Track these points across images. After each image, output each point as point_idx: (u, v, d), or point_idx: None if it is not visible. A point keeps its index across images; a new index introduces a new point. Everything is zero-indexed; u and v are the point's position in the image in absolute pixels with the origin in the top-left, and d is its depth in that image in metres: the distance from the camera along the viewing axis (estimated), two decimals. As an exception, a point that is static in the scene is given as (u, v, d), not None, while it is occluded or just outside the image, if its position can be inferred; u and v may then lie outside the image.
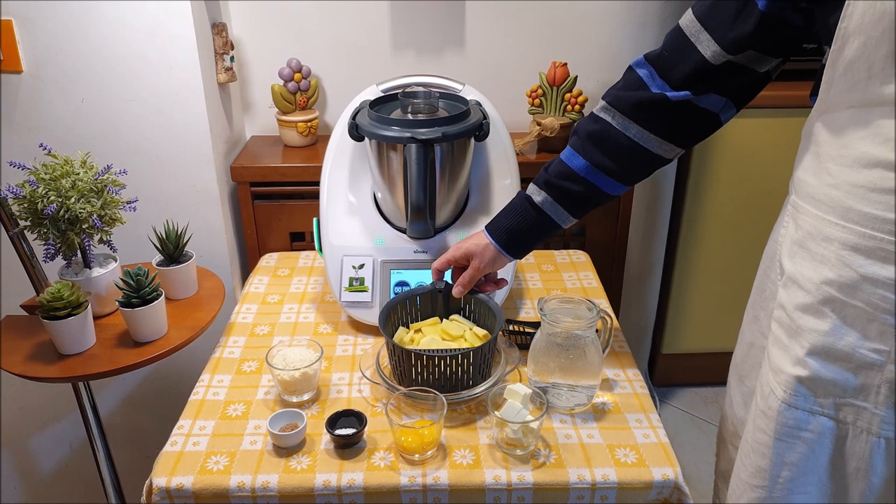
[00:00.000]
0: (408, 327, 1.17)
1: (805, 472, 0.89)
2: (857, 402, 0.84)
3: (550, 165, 1.08)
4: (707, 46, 0.92)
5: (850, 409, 0.85)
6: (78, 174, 1.16)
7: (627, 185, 1.06)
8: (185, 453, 1.00)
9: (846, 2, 0.76)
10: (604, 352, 1.09)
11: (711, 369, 2.24)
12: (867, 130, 0.77)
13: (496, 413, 0.98)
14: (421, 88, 1.24)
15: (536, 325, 1.28)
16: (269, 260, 1.58)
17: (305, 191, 1.61)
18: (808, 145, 0.87)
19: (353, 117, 1.25)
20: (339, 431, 1.00)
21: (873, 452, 0.84)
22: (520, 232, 1.10)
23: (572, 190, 1.05)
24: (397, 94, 1.27)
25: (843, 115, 0.80)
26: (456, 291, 1.15)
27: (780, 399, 0.88)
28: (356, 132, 1.22)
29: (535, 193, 1.08)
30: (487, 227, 1.12)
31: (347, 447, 1.00)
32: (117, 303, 1.16)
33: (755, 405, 0.94)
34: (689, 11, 0.94)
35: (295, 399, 1.10)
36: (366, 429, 1.01)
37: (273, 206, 1.63)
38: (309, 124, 1.68)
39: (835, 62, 0.79)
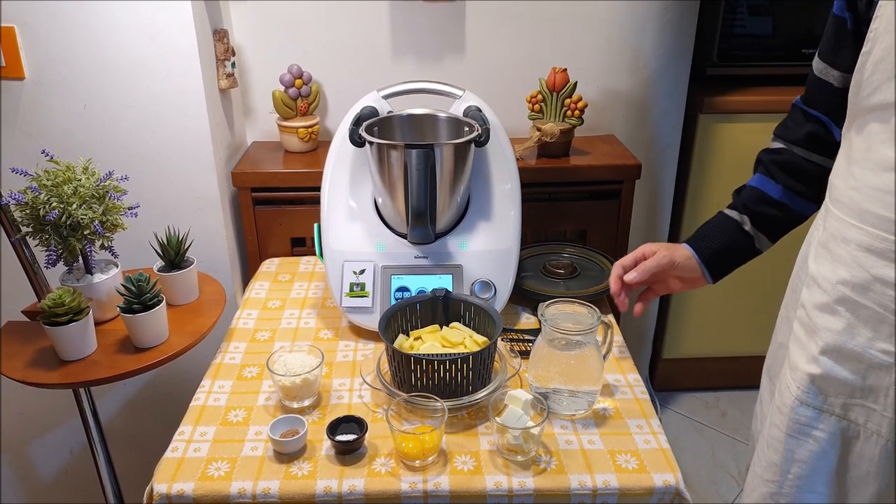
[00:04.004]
0: (408, 335, 1.17)
1: (815, 470, 0.89)
2: (867, 403, 0.84)
3: (742, 192, 1.09)
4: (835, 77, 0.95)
5: (861, 411, 0.85)
6: (80, 180, 1.16)
7: (819, 203, 1.06)
8: (186, 459, 1.00)
9: (878, 2, 0.77)
10: (605, 358, 1.09)
11: (712, 374, 2.24)
12: (887, 133, 0.78)
13: (497, 419, 0.98)
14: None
15: (536, 331, 1.28)
16: (269, 265, 1.58)
17: (306, 196, 1.61)
18: (842, 149, 0.88)
19: (354, 123, 1.25)
20: (339, 437, 1.00)
21: (882, 456, 0.84)
22: (726, 253, 1.09)
23: (772, 214, 1.06)
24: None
25: (869, 118, 0.80)
26: (630, 278, 1.11)
27: (793, 396, 0.89)
28: (357, 138, 1.22)
29: (739, 218, 1.07)
30: (691, 245, 1.11)
31: (348, 453, 1.00)
32: (118, 308, 1.17)
33: (773, 402, 0.95)
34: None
35: (296, 405, 1.10)
36: (366, 435, 1.01)
37: (274, 211, 1.63)
38: (310, 130, 1.68)
39: (864, 65, 0.80)
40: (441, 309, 1.19)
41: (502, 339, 1.24)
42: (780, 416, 0.91)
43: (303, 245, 1.68)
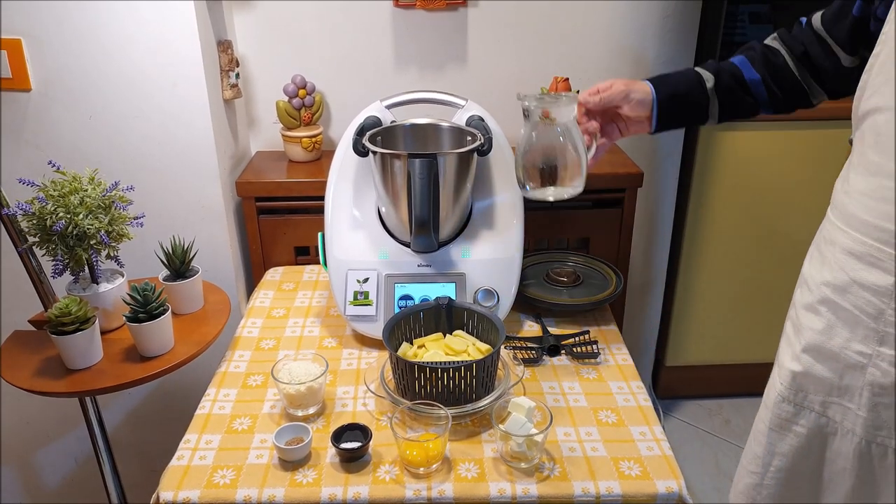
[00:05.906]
0: (411, 343, 1.18)
1: (795, 464, 0.93)
2: (843, 402, 0.87)
3: (720, 62, 1.09)
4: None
5: (838, 409, 0.88)
6: (86, 191, 1.17)
7: (776, 112, 1.09)
8: (192, 467, 1.00)
9: (892, 5, 0.79)
10: (588, 157, 1.09)
11: (715, 381, 2.24)
12: (876, 138, 0.80)
13: (500, 426, 0.99)
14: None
15: (539, 339, 1.29)
16: (274, 274, 1.59)
17: (310, 205, 1.62)
18: (849, 157, 0.91)
19: (358, 133, 1.26)
20: (344, 445, 1.01)
21: (856, 453, 0.87)
22: (681, 102, 1.09)
23: (735, 90, 1.07)
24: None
25: (865, 123, 0.83)
26: (584, 98, 1.09)
27: (777, 391, 0.93)
28: (361, 147, 1.23)
29: (705, 76, 1.08)
30: (651, 81, 1.10)
31: (353, 461, 1.00)
32: (124, 318, 1.17)
33: (763, 398, 0.99)
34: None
35: (300, 413, 1.10)
36: (371, 442, 1.02)
37: (278, 220, 1.64)
38: (313, 140, 1.70)
39: (871, 67, 0.82)
40: (444, 317, 1.20)
41: (505, 347, 1.24)
42: (766, 411, 0.95)
43: (307, 254, 1.69)
